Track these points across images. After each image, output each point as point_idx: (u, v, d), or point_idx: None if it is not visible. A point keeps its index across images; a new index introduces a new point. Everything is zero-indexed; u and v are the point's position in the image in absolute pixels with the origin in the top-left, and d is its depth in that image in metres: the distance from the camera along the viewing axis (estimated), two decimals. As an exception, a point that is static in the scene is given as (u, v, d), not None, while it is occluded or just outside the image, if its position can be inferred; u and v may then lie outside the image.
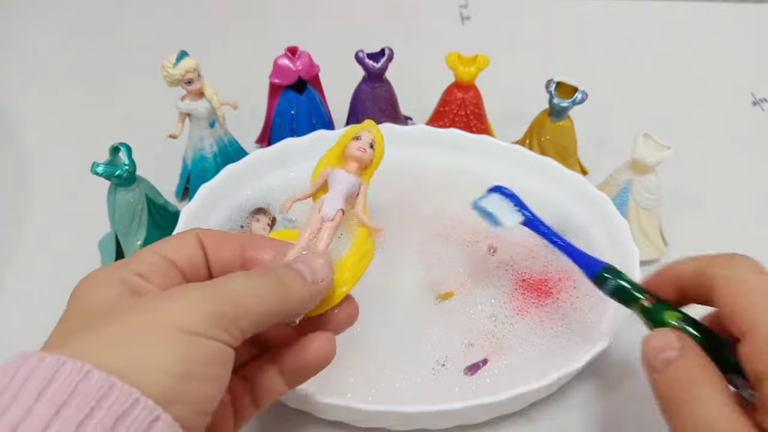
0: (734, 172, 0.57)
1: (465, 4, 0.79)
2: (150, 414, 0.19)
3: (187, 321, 0.21)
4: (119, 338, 0.20)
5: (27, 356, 0.19)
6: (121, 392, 0.18)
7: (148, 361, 0.20)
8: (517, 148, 0.48)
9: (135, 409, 0.18)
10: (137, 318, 0.21)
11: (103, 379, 0.18)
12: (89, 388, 0.18)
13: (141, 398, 0.19)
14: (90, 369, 0.18)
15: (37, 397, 0.18)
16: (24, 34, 0.73)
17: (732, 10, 0.80)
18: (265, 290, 0.24)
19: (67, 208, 0.51)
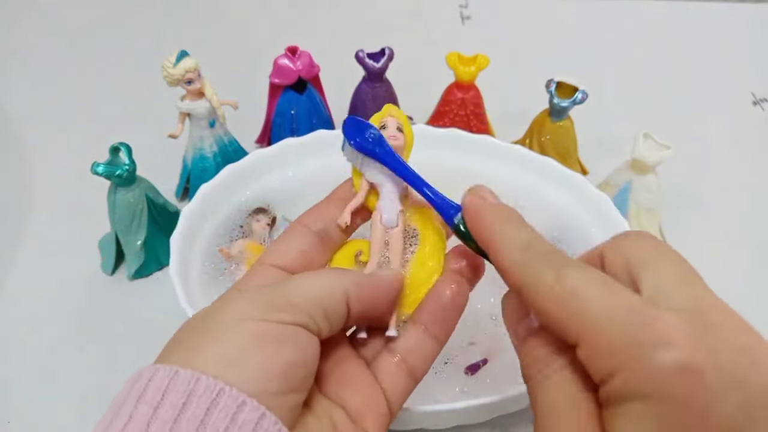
0: (734, 172, 0.57)
1: (465, 4, 0.79)
2: (236, 400, 0.20)
3: (242, 312, 0.22)
4: (202, 342, 0.22)
5: (138, 370, 0.21)
6: (206, 385, 0.20)
7: (212, 354, 0.21)
8: (517, 148, 0.48)
9: (221, 399, 0.20)
10: (209, 319, 0.23)
11: (189, 375, 0.20)
12: (179, 386, 0.20)
13: (225, 388, 0.20)
14: (177, 370, 0.20)
15: (136, 403, 0.20)
16: (24, 35, 0.74)
17: (732, 10, 0.80)
18: (321, 275, 0.25)
19: (67, 208, 0.51)
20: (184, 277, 0.38)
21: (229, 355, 0.21)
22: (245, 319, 0.22)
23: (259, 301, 0.23)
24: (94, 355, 0.41)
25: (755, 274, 0.47)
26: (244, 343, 0.21)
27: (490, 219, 0.24)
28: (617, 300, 0.19)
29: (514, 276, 0.22)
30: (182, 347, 0.22)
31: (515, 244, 0.23)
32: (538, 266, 0.21)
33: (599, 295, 0.19)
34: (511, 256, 0.22)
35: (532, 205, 0.46)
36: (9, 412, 0.38)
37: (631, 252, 0.21)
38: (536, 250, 0.22)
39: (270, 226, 0.43)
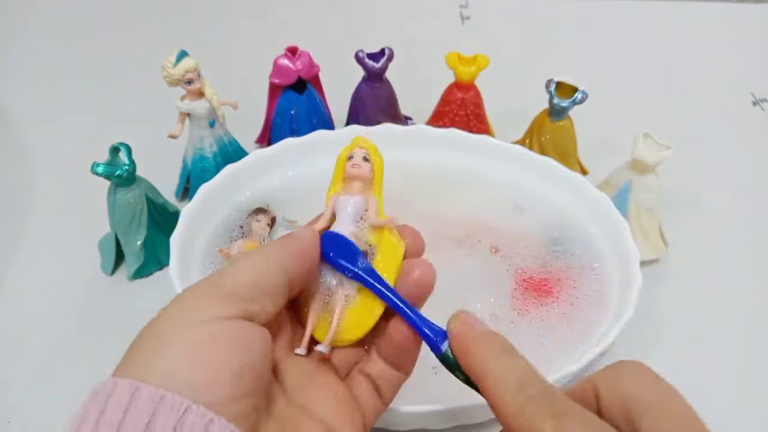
0: (734, 172, 0.57)
1: (465, 4, 0.79)
2: (203, 418, 0.19)
3: (182, 317, 0.22)
4: (150, 354, 0.21)
5: (96, 385, 0.21)
6: (172, 402, 0.19)
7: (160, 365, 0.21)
8: (517, 148, 0.48)
9: (188, 417, 0.19)
10: (155, 324, 0.22)
11: (153, 392, 0.19)
12: (142, 404, 0.19)
13: (192, 406, 0.19)
14: (139, 386, 0.19)
15: (96, 421, 0.19)
16: (24, 35, 0.73)
17: (732, 10, 0.80)
18: (249, 256, 0.24)
19: (67, 208, 0.51)
20: (184, 277, 0.38)
21: (174, 369, 0.20)
22: (188, 323, 0.21)
23: (197, 299, 0.22)
24: (94, 355, 0.41)
25: (755, 274, 0.47)
26: (188, 355, 0.21)
27: (481, 350, 0.23)
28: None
29: (509, 419, 0.21)
30: (129, 361, 0.21)
31: (509, 385, 0.22)
32: (535, 413, 0.20)
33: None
34: (506, 399, 0.21)
35: (532, 205, 0.46)
36: (9, 412, 0.38)
37: (630, 393, 0.21)
38: (532, 391, 0.21)
39: (270, 227, 0.43)
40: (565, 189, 0.46)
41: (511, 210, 0.46)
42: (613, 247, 0.42)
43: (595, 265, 0.42)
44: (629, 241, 0.41)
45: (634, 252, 0.40)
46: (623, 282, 0.39)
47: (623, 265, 0.40)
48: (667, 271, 0.47)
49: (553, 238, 0.44)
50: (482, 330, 0.24)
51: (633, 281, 0.38)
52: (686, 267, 0.47)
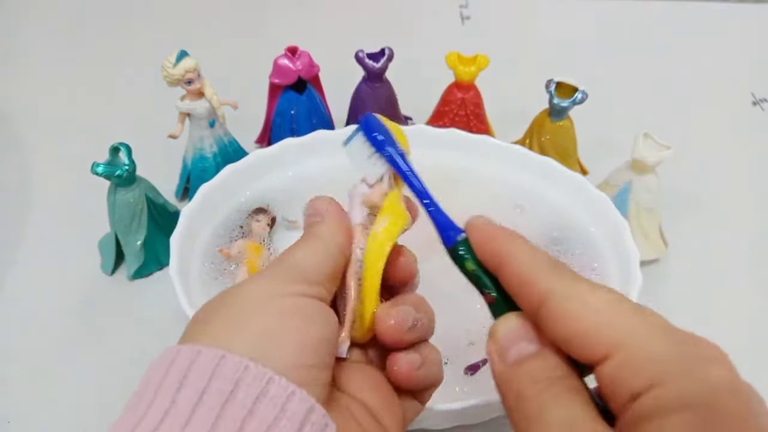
0: (734, 172, 0.57)
1: (465, 4, 0.79)
2: (285, 390, 0.19)
3: (266, 288, 0.22)
4: (230, 322, 0.21)
5: (167, 350, 0.21)
6: (256, 373, 0.19)
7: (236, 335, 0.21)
8: (517, 148, 0.48)
9: (272, 386, 0.19)
10: (235, 299, 0.22)
11: (237, 362, 0.19)
12: (226, 372, 0.19)
13: (275, 378, 0.19)
14: (224, 354, 0.19)
15: (178, 386, 0.19)
16: (24, 34, 0.73)
17: (732, 10, 0.80)
18: (303, 245, 0.25)
19: (67, 208, 0.51)
20: (184, 277, 0.38)
21: (261, 334, 0.21)
22: (270, 296, 0.22)
23: (276, 277, 0.23)
24: (94, 355, 0.41)
25: (755, 274, 0.47)
26: (274, 321, 0.21)
27: (506, 234, 0.24)
28: (652, 317, 0.19)
29: (541, 284, 0.21)
30: (210, 329, 0.21)
31: (541, 256, 0.22)
32: (571, 276, 0.21)
33: (634, 308, 0.20)
34: (539, 265, 0.22)
35: (532, 205, 0.46)
36: (9, 412, 0.38)
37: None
38: (563, 266, 0.22)
39: (270, 227, 0.43)
40: (565, 189, 0.46)
41: (511, 210, 0.46)
42: (613, 247, 0.42)
43: (595, 265, 0.42)
44: (629, 241, 0.41)
45: (634, 252, 0.40)
46: (623, 282, 0.39)
47: (623, 265, 0.40)
48: (667, 271, 0.47)
49: (553, 238, 0.44)
50: (504, 227, 0.25)
51: (633, 281, 0.38)
52: (686, 267, 0.47)
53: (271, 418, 0.19)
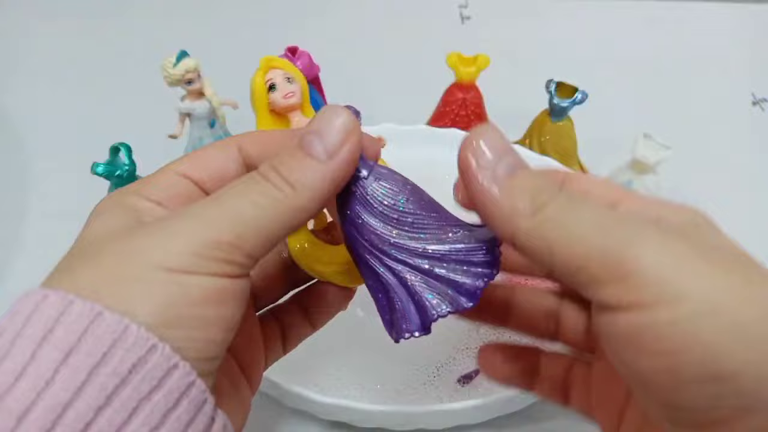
0: (734, 172, 0.57)
1: (465, 4, 0.79)
2: (167, 361, 0.17)
3: (170, 258, 0.18)
4: (95, 278, 0.18)
5: (29, 294, 0.18)
6: (137, 337, 0.17)
7: (131, 307, 0.17)
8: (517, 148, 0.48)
9: (152, 356, 0.17)
10: (116, 258, 0.18)
11: (116, 321, 0.17)
12: (101, 332, 0.17)
13: (158, 344, 0.17)
14: (101, 310, 0.17)
15: (41, 341, 0.16)
16: (24, 34, 0.73)
17: (732, 10, 0.80)
18: (270, 195, 0.20)
19: (67, 208, 0.51)
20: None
21: (162, 321, 0.17)
22: (184, 271, 0.18)
23: (201, 245, 0.18)
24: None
25: (755, 274, 0.47)
26: (183, 301, 0.18)
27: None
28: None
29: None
30: (103, 279, 0.18)
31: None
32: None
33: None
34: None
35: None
36: (9, 412, 0.38)
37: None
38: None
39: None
40: (565, 189, 0.46)
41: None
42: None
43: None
44: (629, 241, 0.41)
45: (634, 252, 0.40)
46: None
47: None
48: (667, 271, 0.47)
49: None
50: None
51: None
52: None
53: (145, 391, 0.17)
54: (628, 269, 0.17)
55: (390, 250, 0.22)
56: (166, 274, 0.18)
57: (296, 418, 0.38)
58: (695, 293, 0.17)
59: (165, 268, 0.18)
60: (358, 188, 0.22)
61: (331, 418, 0.35)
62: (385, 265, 0.22)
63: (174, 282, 0.18)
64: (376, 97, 0.62)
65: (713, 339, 0.16)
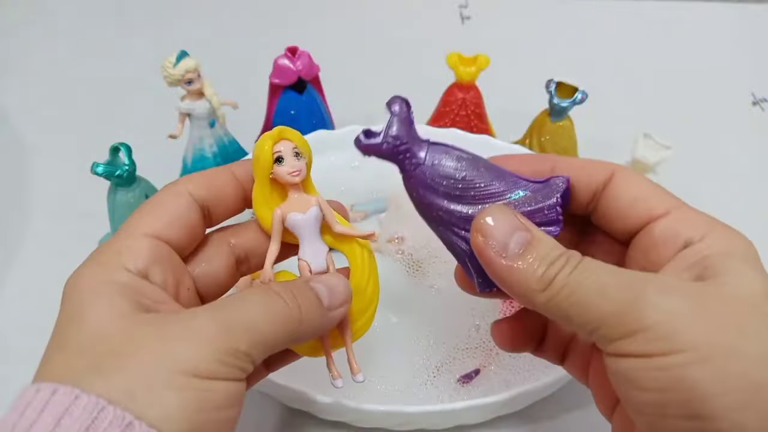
0: (734, 172, 0.57)
1: (465, 4, 0.79)
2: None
3: (199, 364, 0.19)
4: (129, 384, 0.19)
5: (38, 388, 0.19)
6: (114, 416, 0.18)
7: (159, 413, 0.18)
8: (517, 148, 0.48)
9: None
10: (144, 359, 0.19)
11: (119, 416, 0.18)
12: (105, 426, 0.17)
13: (134, 422, 0.18)
14: (105, 405, 0.18)
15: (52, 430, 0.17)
16: (24, 34, 0.73)
17: (732, 10, 0.80)
18: (282, 317, 0.22)
19: (67, 208, 0.51)
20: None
21: (191, 417, 0.19)
22: (195, 376, 0.19)
23: (215, 350, 0.20)
24: (94, 355, 0.41)
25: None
26: (205, 406, 0.19)
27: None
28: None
29: (608, 165, 0.25)
30: (130, 386, 0.19)
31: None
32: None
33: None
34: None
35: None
36: (9, 412, 0.38)
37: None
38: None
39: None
40: (565, 189, 0.46)
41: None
42: (613, 247, 0.42)
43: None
44: (629, 241, 0.41)
45: (634, 252, 0.40)
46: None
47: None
48: (667, 271, 0.47)
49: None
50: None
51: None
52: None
53: None
54: (633, 329, 0.20)
55: (458, 222, 0.24)
56: (196, 380, 0.19)
57: (296, 418, 0.38)
58: (689, 344, 0.19)
59: (194, 374, 0.19)
60: (417, 173, 0.25)
61: (331, 418, 0.35)
62: (456, 235, 0.24)
63: (202, 388, 0.19)
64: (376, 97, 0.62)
65: (699, 384, 0.18)
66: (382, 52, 0.70)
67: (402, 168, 0.25)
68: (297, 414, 0.37)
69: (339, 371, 0.27)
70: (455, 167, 0.24)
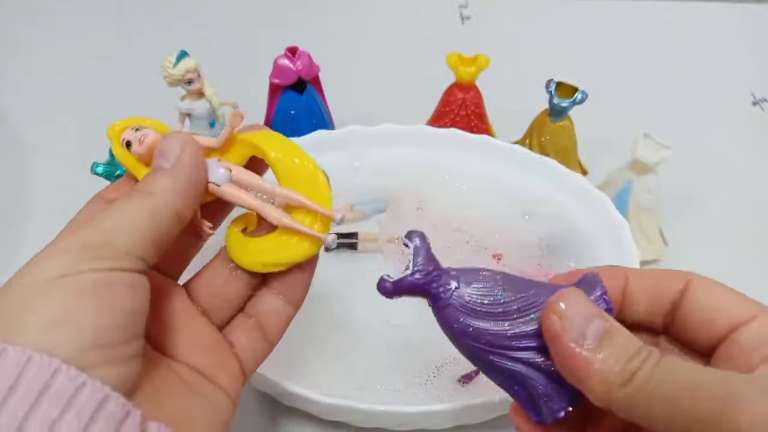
0: (734, 172, 0.57)
1: (465, 4, 0.79)
2: (73, 381, 0.18)
3: (57, 267, 0.20)
4: (10, 311, 0.20)
5: None
6: (40, 364, 0.18)
7: (26, 321, 0.19)
8: (517, 148, 0.48)
9: (57, 378, 0.18)
10: (20, 283, 0.20)
11: (19, 353, 0.18)
12: (7, 366, 0.18)
13: (62, 367, 0.18)
14: (4, 347, 0.18)
15: None
16: (24, 34, 0.73)
17: (732, 10, 0.80)
18: (128, 202, 0.23)
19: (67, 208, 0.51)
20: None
21: (50, 320, 0.19)
22: (61, 276, 0.20)
23: (75, 251, 0.21)
24: (94, 355, 0.41)
25: (755, 274, 0.47)
26: (65, 303, 0.19)
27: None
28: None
29: (681, 273, 0.25)
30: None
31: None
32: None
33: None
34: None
35: (531, 205, 0.46)
36: (9, 412, 0.38)
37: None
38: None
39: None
40: (565, 189, 0.46)
41: (509, 209, 0.46)
42: (613, 247, 0.42)
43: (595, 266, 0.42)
44: (629, 241, 0.41)
45: (634, 252, 0.40)
46: (623, 282, 0.39)
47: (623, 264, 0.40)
48: (667, 271, 0.47)
49: (552, 237, 0.44)
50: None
51: (633, 281, 0.38)
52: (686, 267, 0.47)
53: (55, 413, 0.18)
54: (730, 430, 0.18)
55: (510, 342, 0.22)
56: (48, 283, 0.20)
57: (296, 418, 0.38)
58: None
59: (45, 279, 0.20)
60: (454, 300, 0.23)
61: (331, 418, 0.35)
62: (512, 359, 0.22)
63: (54, 288, 0.20)
64: (376, 97, 0.62)
65: None
66: (382, 52, 0.70)
67: (437, 297, 0.23)
68: (297, 414, 0.37)
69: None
70: (491, 284, 0.23)
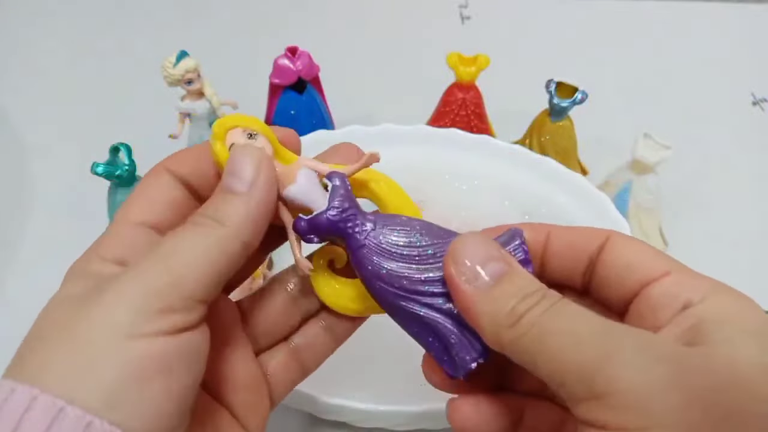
0: (734, 172, 0.57)
1: (465, 4, 0.79)
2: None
3: (122, 324, 0.18)
4: (43, 367, 0.18)
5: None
6: (73, 417, 0.16)
7: (82, 389, 0.17)
8: (517, 148, 0.48)
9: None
10: (60, 338, 0.19)
11: (49, 404, 0.17)
12: (38, 416, 0.16)
13: (95, 420, 0.17)
14: (38, 395, 0.17)
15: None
16: (24, 34, 0.73)
17: (732, 10, 0.80)
18: (196, 233, 0.20)
19: (67, 208, 0.51)
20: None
21: (111, 388, 0.17)
22: (127, 337, 0.18)
23: (141, 297, 0.18)
24: (94, 355, 0.41)
25: (756, 275, 0.47)
26: (127, 372, 0.17)
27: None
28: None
29: (602, 231, 0.23)
30: (51, 364, 0.18)
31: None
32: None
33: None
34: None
35: (531, 205, 0.46)
36: (9, 412, 0.38)
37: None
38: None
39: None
40: (565, 189, 0.46)
41: (509, 209, 0.46)
42: (613, 247, 0.42)
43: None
44: (629, 241, 0.41)
45: (634, 252, 0.40)
46: (623, 282, 0.39)
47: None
48: (667, 271, 0.47)
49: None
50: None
51: (633, 281, 0.38)
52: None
53: None
54: (602, 390, 0.17)
55: (423, 287, 0.21)
56: (111, 342, 0.18)
57: (296, 418, 0.38)
58: (661, 421, 0.17)
59: (111, 338, 0.18)
60: (369, 240, 0.22)
61: (331, 418, 0.35)
62: (424, 305, 0.21)
63: (118, 352, 0.18)
64: (375, 97, 0.62)
65: None
66: (382, 52, 0.70)
67: (351, 236, 0.22)
68: (297, 414, 0.37)
69: None
70: (410, 228, 0.22)
